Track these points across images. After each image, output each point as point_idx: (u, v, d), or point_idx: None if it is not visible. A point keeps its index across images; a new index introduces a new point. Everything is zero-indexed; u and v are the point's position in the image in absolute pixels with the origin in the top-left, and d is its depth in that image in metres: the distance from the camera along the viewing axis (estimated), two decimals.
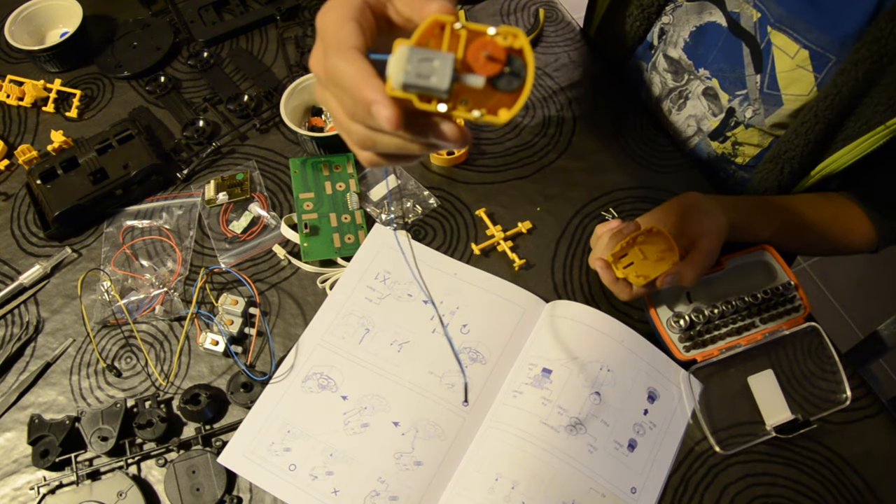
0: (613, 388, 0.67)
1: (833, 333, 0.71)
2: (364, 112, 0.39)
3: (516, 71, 0.37)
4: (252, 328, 0.72)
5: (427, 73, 0.36)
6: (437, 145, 0.40)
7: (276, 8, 0.95)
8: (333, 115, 0.43)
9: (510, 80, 0.37)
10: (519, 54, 0.37)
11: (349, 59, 0.39)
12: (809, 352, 0.71)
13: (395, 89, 0.36)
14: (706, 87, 0.80)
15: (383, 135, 0.40)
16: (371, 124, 0.40)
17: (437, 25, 0.37)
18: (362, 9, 0.41)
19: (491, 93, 0.37)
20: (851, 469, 0.66)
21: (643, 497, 0.64)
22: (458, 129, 0.38)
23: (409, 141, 0.40)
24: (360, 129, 0.41)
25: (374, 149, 0.42)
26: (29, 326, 0.73)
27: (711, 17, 0.76)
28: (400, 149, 0.41)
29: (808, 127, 0.70)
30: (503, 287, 0.73)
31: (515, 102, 0.37)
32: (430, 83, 0.36)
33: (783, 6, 0.68)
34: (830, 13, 0.65)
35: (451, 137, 0.39)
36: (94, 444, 0.64)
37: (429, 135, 0.39)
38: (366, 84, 0.37)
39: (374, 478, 0.64)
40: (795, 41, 0.68)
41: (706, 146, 0.84)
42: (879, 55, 0.62)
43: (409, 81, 0.36)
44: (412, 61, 0.36)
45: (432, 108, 0.37)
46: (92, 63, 0.92)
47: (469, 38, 0.37)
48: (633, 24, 0.83)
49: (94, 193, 0.77)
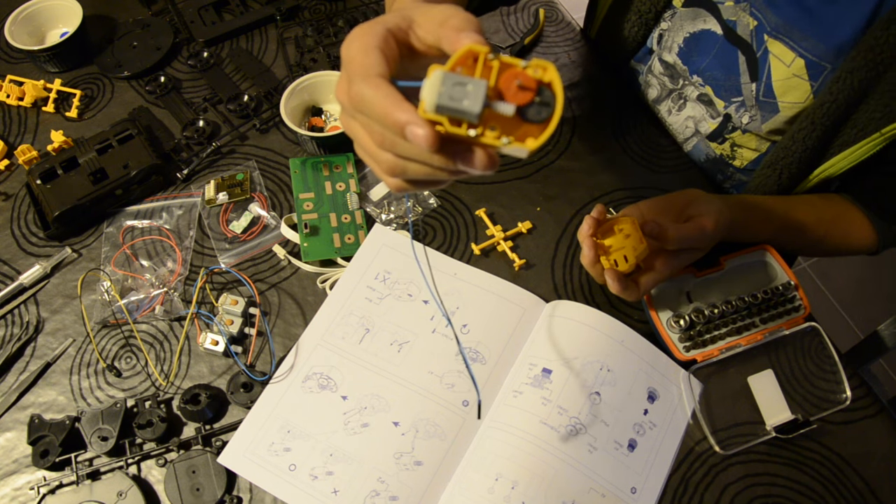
0: (613, 388, 0.67)
1: (833, 333, 0.71)
2: (393, 138, 0.39)
3: (546, 101, 0.38)
4: (252, 328, 0.72)
5: (460, 97, 0.37)
6: (464, 172, 0.40)
7: (276, 8, 0.95)
8: (361, 144, 0.43)
9: (539, 110, 0.38)
10: (548, 87, 0.38)
11: (376, 86, 0.39)
12: (809, 352, 0.71)
13: (429, 111, 0.37)
14: (700, 93, 0.80)
15: (412, 162, 0.41)
16: (400, 151, 0.40)
17: (470, 55, 0.38)
18: (386, 37, 0.41)
19: (519, 123, 0.38)
20: (851, 469, 0.66)
21: (643, 497, 0.64)
22: (487, 157, 0.39)
23: (437, 168, 0.40)
24: (388, 157, 0.41)
25: (403, 176, 0.42)
26: (29, 326, 0.73)
27: (706, 25, 0.76)
28: (428, 176, 0.41)
29: (806, 133, 0.70)
30: (503, 287, 0.73)
31: (543, 132, 0.38)
32: (463, 106, 0.37)
33: (779, 15, 0.68)
34: (826, 22, 0.66)
35: (480, 165, 0.39)
36: (94, 444, 0.64)
37: (458, 161, 0.39)
38: (397, 107, 0.38)
39: (374, 478, 0.64)
40: (792, 49, 0.68)
41: (704, 147, 0.84)
42: (874, 63, 0.63)
43: (442, 103, 0.37)
44: (446, 84, 0.37)
45: (462, 131, 0.38)
46: (92, 63, 0.92)
47: (501, 69, 0.38)
48: (632, 29, 0.84)
49: (94, 193, 0.77)
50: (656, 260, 0.65)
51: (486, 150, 0.39)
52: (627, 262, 0.64)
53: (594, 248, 0.64)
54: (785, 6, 0.68)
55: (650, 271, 0.66)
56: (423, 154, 0.39)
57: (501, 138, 0.38)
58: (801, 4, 0.67)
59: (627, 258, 0.64)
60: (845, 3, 0.64)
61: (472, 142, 0.39)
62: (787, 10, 0.68)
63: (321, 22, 0.95)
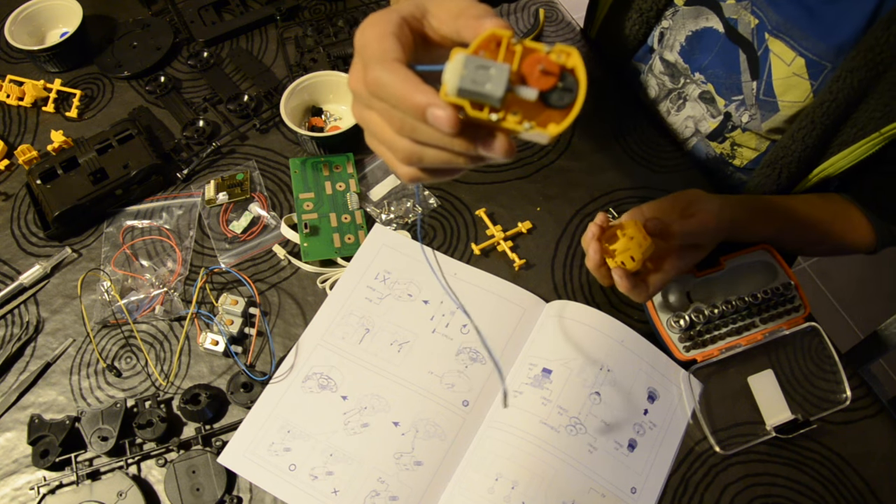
0: (613, 388, 0.67)
1: (833, 333, 0.71)
2: (413, 122, 0.39)
3: (569, 86, 0.37)
4: (252, 328, 0.72)
5: (483, 81, 0.36)
6: (483, 158, 0.40)
7: (276, 8, 0.95)
8: (376, 132, 0.42)
9: (562, 95, 0.38)
10: (571, 72, 0.38)
11: (393, 70, 0.39)
12: (809, 352, 0.71)
13: (450, 94, 0.37)
14: (702, 91, 0.80)
15: (430, 148, 0.40)
16: (419, 137, 0.40)
17: (493, 40, 0.38)
18: (401, 24, 0.41)
19: (541, 108, 0.38)
20: (851, 469, 0.66)
21: (643, 497, 0.64)
22: (507, 143, 0.38)
23: (456, 154, 0.40)
24: (406, 143, 0.41)
25: (419, 163, 0.42)
26: (29, 326, 0.73)
27: (708, 23, 0.76)
28: (446, 163, 0.41)
29: (806, 133, 0.70)
30: (503, 287, 0.73)
31: (565, 118, 0.38)
32: (485, 90, 0.36)
33: (781, 13, 0.68)
34: (826, 21, 0.66)
35: (499, 150, 0.39)
36: (94, 444, 0.64)
37: (478, 146, 0.39)
38: (417, 90, 0.37)
39: (374, 478, 0.64)
40: (792, 48, 0.68)
41: (705, 146, 0.84)
42: (874, 63, 0.63)
43: (464, 86, 0.36)
44: (469, 68, 0.36)
45: (484, 115, 0.37)
46: (92, 63, 0.92)
47: (524, 54, 0.38)
48: (633, 28, 0.84)
49: (94, 193, 0.77)
50: (664, 260, 0.65)
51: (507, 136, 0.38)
52: (634, 261, 0.63)
53: (599, 252, 0.64)
54: (786, 5, 0.68)
55: (659, 271, 0.65)
56: (444, 139, 0.39)
57: (523, 123, 0.37)
58: (802, 3, 0.67)
59: (634, 257, 0.63)
60: (846, 3, 0.64)
61: (493, 126, 0.38)
62: (788, 9, 0.68)
63: (321, 22, 0.95)
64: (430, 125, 0.38)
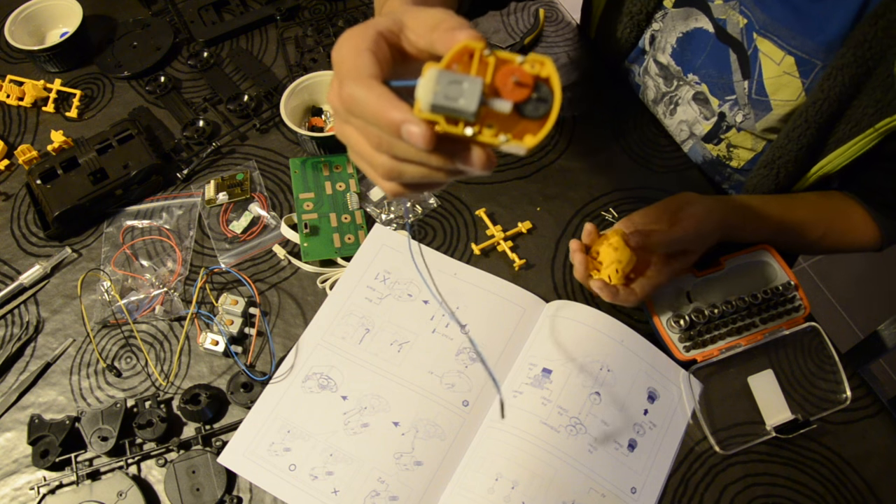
0: (613, 388, 0.67)
1: (833, 333, 0.71)
2: (389, 139, 0.39)
3: (543, 97, 0.37)
4: (252, 328, 0.72)
5: (455, 96, 0.36)
6: (462, 172, 0.40)
7: (276, 8, 0.95)
8: (356, 148, 0.42)
9: (537, 106, 0.37)
10: (546, 82, 0.37)
11: (368, 87, 0.38)
12: (809, 352, 0.71)
13: (424, 110, 0.37)
14: (696, 91, 0.80)
15: (409, 164, 0.40)
16: (397, 153, 0.40)
17: (466, 52, 0.37)
18: (377, 40, 0.41)
19: (516, 120, 0.38)
20: (851, 469, 0.66)
21: (643, 497, 0.64)
22: (485, 155, 0.38)
23: (434, 169, 0.40)
24: (385, 159, 0.41)
25: (399, 179, 0.42)
26: (29, 326, 0.73)
27: (698, 24, 0.76)
28: (425, 177, 0.41)
29: (800, 131, 0.70)
30: (503, 287, 0.73)
31: (541, 129, 0.37)
32: (459, 105, 0.36)
33: (768, 13, 0.68)
34: (814, 19, 0.66)
35: (477, 164, 0.38)
36: (94, 444, 0.64)
37: (455, 161, 0.39)
38: (391, 107, 0.37)
39: (374, 478, 0.64)
40: (780, 48, 0.68)
41: (700, 149, 0.84)
42: (864, 59, 0.63)
43: (437, 102, 0.36)
44: (441, 83, 0.36)
45: (459, 130, 0.37)
46: (92, 63, 0.92)
47: (497, 65, 0.37)
48: (625, 31, 0.84)
49: (94, 193, 0.77)
50: (648, 267, 0.68)
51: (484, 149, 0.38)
52: (618, 273, 0.66)
53: (584, 264, 0.67)
54: (773, 4, 0.68)
55: (646, 278, 0.67)
56: (420, 154, 0.39)
57: (499, 136, 0.37)
58: (789, 2, 0.67)
59: (618, 270, 0.66)
60: (832, 1, 0.64)
61: (469, 140, 0.38)
62: (775, 8, 0.68)
63: (321, 22, 0.95)
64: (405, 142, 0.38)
